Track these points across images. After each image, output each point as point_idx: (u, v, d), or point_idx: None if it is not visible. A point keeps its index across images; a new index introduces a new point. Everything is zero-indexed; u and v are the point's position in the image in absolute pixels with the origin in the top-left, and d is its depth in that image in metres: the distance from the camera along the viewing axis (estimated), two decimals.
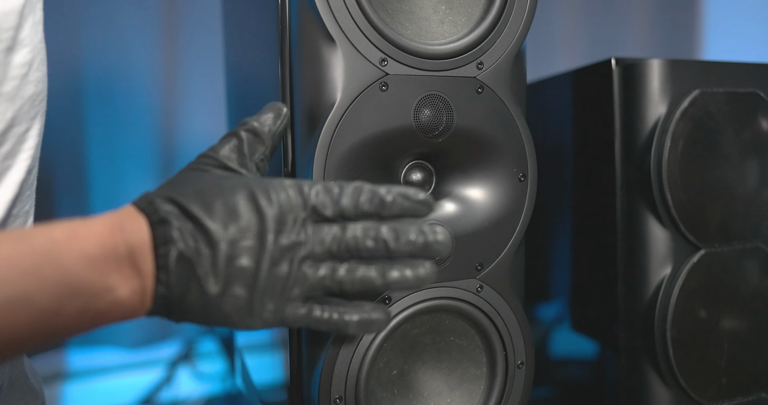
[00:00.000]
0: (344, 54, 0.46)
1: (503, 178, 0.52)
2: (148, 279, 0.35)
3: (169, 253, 0.34)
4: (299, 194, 0.36)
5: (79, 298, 0.33)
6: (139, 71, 0.97)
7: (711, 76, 0.64)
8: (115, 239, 0.34)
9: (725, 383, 0.64)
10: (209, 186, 0.37)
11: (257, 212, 0.35)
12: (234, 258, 0.35)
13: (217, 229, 0.35)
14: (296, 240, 0.36)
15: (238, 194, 0.36)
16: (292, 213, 0.36)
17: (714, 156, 0.63)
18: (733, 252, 0.64)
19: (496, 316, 0.53)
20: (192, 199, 0.35)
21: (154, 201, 0.36)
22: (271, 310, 0.36)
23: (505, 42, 0.51)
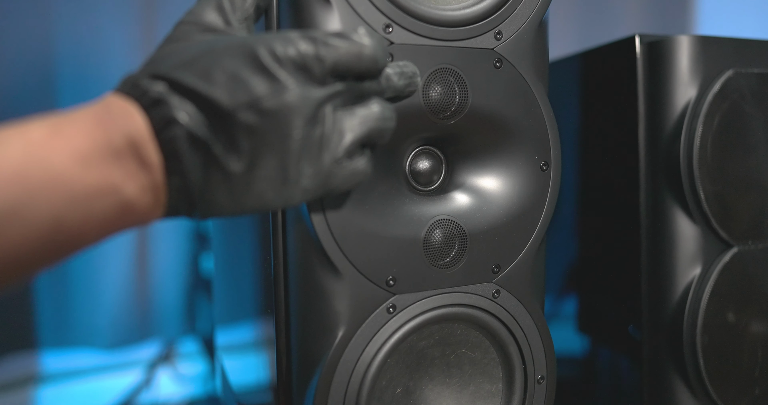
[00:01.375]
0: (342, 18, 0.39)
1: (523, 167, 0.46)
2: (156, 171, 0.29)
3: (176, 136, 0.29)
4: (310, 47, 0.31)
5: (79, 204, 0.27)
6: (116, 64, 0.92)
7: (744, 55, 0.58)
8: (108, 130, 0.28)
9: (758, 394, 0.58)
10: (199, 53, 0.31)
11: (267, 73, 0.30)
12: (254, 127, 0.29)
13: (224, 97, 0.29)
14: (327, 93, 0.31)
15: (238, 57, 0.30)
16: (308, 69, 0.31)
17: (747, 144, 0.57)
18: (766, 250, 0.58)
19: (514, 325, 0.46)
20: (183, 70, 0.30)
21: (139, 82, 0.30)
22: (309, 175, 0.31)
23: (526, 9, 0.44)
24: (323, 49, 0.31)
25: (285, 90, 0.30)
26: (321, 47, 0.31)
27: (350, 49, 0.32)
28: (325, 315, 0.41)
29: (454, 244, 0.44)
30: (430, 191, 0.45)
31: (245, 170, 0.30)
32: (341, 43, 0.32)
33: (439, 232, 0.43)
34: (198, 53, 0.31)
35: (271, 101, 0.30)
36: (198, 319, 1.00)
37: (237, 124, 0.29)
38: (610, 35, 1.19)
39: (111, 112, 0.29)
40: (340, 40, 0.32)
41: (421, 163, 0.45)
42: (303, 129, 0.30)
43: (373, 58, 0.33)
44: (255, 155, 0.30)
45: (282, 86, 0.30)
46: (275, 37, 0.31)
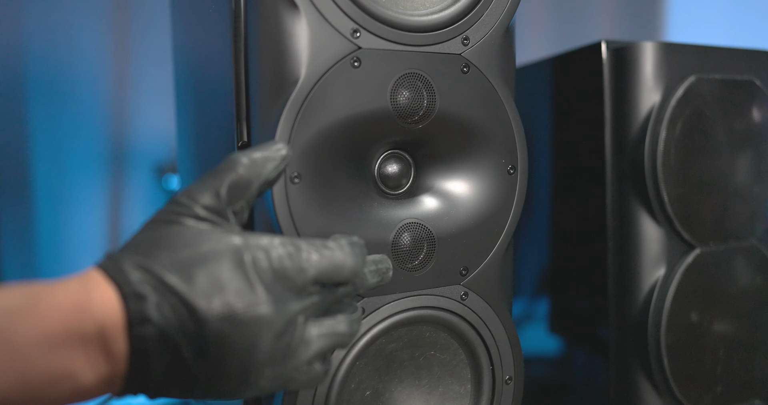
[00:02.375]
0: (309, 23, 0.39)
1: (490, 171, 0.46)
2: (119, 363, 0.29)
3: (146, 334, 0.29)
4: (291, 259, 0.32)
5: (30, 387, 0.27)
6: (86, 62, 0.92)
7: (706, 62, 0.59)
8: (83, 316, 0.28)
9: (720, 391, 0.60)
10: (186, 250, 0.31)
11: (247, 281, 0.30)
12: (224, 336, 0.29)
13: (202, 303, 0.29)
14: (301, 307, 0.32)
15: (222, 260, 0.30)
16: (287, 281, 0.31)
17: (709, 148, 0.59)
18: (728, 251, 0.60)
19: (482, 327, 0.47)
20: (169, 267, 0.30)
21: (124, 268, 0.30)
22: (269, 378, 0.31)
23: (493, 15, 0.45)
24: (306, 262, 0.32)
25: (261, 303, 0.30)
26: (304, 260, 0.32)
27: (333, 262, 0.33)
28: None
29: (422, 247, 0.44)
30: (398, 195, 0.46)
31: (207, 372, 0.30)
32: (324, 255, 0.33)
33: (408, 236, 0.44)
34: (185, 250, 0.31)
35: (245, 314, 0.30)
36: None
37: (209, 331, 0.29)
38: (583, 40, 1.21)
39: (91, 299, 0.29)
40: (323, 252, 0.33)
41: (389, 166, 0.45)
42: (271, 342, 0.31)
43: (354, 270, 0.34)
44: (220, 360, 0.30)
45: (259, 299, 0.30)
46: (262, 244, 0.32)
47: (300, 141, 0.39)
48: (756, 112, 0.61)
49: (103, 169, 0.95)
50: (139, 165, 1.00)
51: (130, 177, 1.00)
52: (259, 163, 0.35)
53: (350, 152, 0.43)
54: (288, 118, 0.39)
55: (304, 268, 0.32)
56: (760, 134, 0.61)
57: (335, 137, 0.41)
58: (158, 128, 0.99)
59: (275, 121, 0.39)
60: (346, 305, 0.36)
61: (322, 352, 0.33)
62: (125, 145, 0.97)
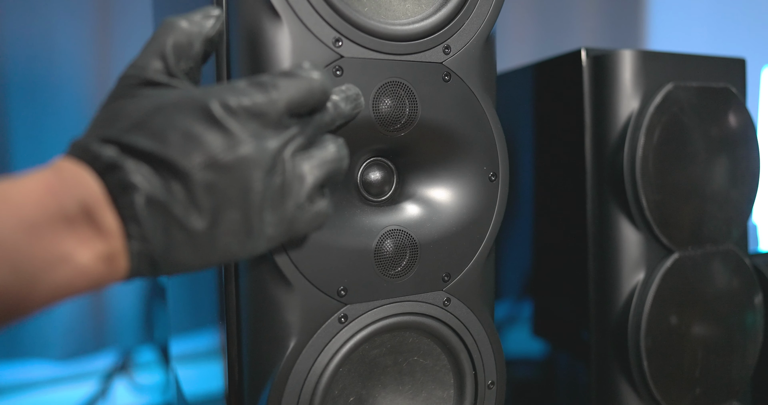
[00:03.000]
0: (291, 32, 0.39)
1: (472, 178, 0.47)
2: (114, 237, 0.28)
3: (134, 200, 0.28)
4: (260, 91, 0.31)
5: (24, 275, 0.26)
6: (68, 65, 0.90)
7: (683, 70, 0.60)
8: (59, 197, 0.27)
9: (698, 393, 0.61)
10: (148, 112, 0.30)
11: (220, 126, 0.29)
12: (213, 185, 0.29)
13: (180, 157, 0.28)
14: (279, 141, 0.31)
15: (188, 113, 0.30)
16: (261, 115, 0.31)
17: (687, 154, 0.60)
18: (705, 255, 0.61)
19: (464, 332, 0.47)
20: (134, 132, 0.29)
21: (89, 146, 0.29)
22: (273, 223, 0.31)
23: (474, 24, 0.45)
24: (274, 92, 0.31)
25: (240, 143, 0.30)
26: (272, 91, 0.31)
27: (300, 86, 0.32)
28: (277, 325, 0.41)
29: (405, 254, 0.45)
30: (381, 202, 0.46)
31: (208, 227, 0.29)
32: (291, 82, 0.32)
33: (390, 242, 0.44)
34: (147, 112, 0.30)
35: (227, 157, 0.29)
36: (156, 327, 0.98)
37: (195, 183, 0.29)
38: (565, 47, 1.22)
39: (63, 179, 0.28)
40: (289, 79, 0.32)
41: (372, 174, 0.46)
42: (263, 180, 0.30)
43: (323, 89, 0.33)
44: (217, 212, 0.29)
45: (237, 140, 0.30)
46: (224, 88, 0.31)
47: None
48: (731, 119, 0.62)
49: None
50: None
51: None
52: (196, 21, 0.34)
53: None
54: None
55: (273, 99, 0.31)
56: (736, 140, 0.63)
57: None
58: None
59: None
60: (327, 138, 0.35)
61: (319, 184, 0.33)
62: None
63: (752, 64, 0.66)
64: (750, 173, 0.64)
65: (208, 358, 0.53)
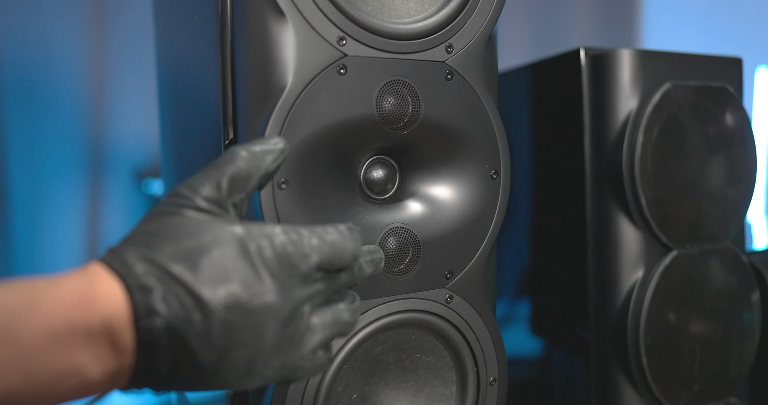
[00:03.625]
0: (296, 31, 0.40)
1: (474, 176, 0.47)
2: (126, 356, 0.29)
3: (154, 326, 0.28)
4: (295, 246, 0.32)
5: (36, 383, 0.27)
6: (64, 65, 0.90)
7: (681, 69, 0.61)
8: (87, 310, 0.28)
9: (697, 390, 0.62)
10: (190, 240, 0.31)
11: (253, 269, 0.30)
12: (231, 325, 0.29)
13: (208, 293, 0.29)
14: (306, 295, 0.32)
15: (226, 248, 0.30)
16: (291, 268, 0.32)
17: (685, 152, 0.60)
18: (703, 253, 0.62)
19: (467, 330, 0.47)
20: (173, 257, 0.30)
21: (128, 260, 0.29)
22: (275, 367, 0.32)
23: (476, 23, 0.46)
24: (308, 248, 0.32)
25: (267, 292, 0.30)
26: (306, 246, 0.32)
27: (333, 247, 0.33)
28: None
29: (408, 252, 0.45)
30: (384, 200, 0.46)
31: (214, 362, 0.30)
32: (326, 241, 0.33)
33: (394, 240, 0.44)
34: (189, 240, 0.31)
35: (252, 302, 0.30)
36: None
37: (215, 319, 0.29)
38: (560, 47, 1.23)
39: (95, 292, 0.28)
40: (325, 237, 0.33)
41: (375, 172, 0.46)
42: (278, 329, 0.31)
43: (354, 254, 0.34)
44: (227, 349, 0.30)
45: (265, 287, 0.30)
46: (265, 231, 0.32)
47: None
48: (728, 118, 0.63)
49: (81, 173, 0.94)
50: (118, 169, 0.99)
51: (108, 181, 0.99)
52: (259, 155, 0.35)
53: (336, 158, 0.43)
54: (275, 125, 0.39)
55: (307, 253, 0.32)
56: (733, 139, 0.63)
57: (322, 143, 0.41)
58: (137, 132, 0.98)
59: (262, 128, 0.40)
60: (344, 294, 0.36)
61: (326, 341, 0.34)
62: (104, 149, 0.96)
63: (746, 65, 0.67)
64: (747, 172, 0.65)
65: None
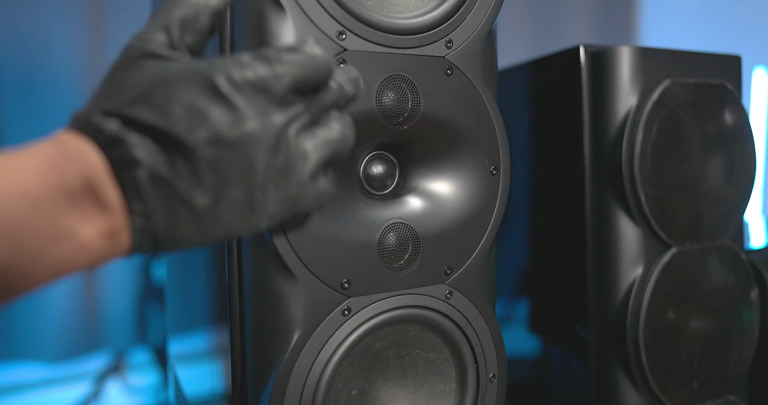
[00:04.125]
0: (296, 25, 0.40)
1: (474, 172, 0.47)
2: (116, 213, 0.28)
3: (137, 176, 0.28)
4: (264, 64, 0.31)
5: (27, 250, 0.26)
6: (61, 64, 0.89)
7: (680, 66, 0.61)
8: (62, 171, 0.27)
9: (696, 387, 0.61)
10: (152, 84, 0.29)
11: (225, 101, 0.29)
12: (217, 161, 0.29)
13: (184, 132, 0.28)
14: (284, 118, 0.31)
15: (192, 86, 0.29)
16: (266, 90, 0.30)
17: (684, 149, 0.60)
18: (702, 250, 0.62)
19: (466, 326, 0.47)
20: (138, 105, 0.28)
21: (91, 119, 0.28)
22: (276, 201, 0.31)
23: (476, 19, 0.46)
24: (279, 67, 0.31)
25: (246, 119, 0.29)
26: (277, 66, 0.31)
27: (305, 62, 0.32)
28: (280, 318, 0.41)
29: (407, 247, 0.45)
30: (383, 195, 0.46)
31: (211, 204, 0.29)
32: (295, 57, 0.32)
33: (393, 236, 0.44)
34: (150, 85, 0.29)
35: (232, 133, 0.29)
36: (149, 328, 0.97)
37: (200, 159, 0.28)
38: (557, 45, 1.23)
39: (65, 152, 0.27)
40: (293, 55, 0.32)
41: (375, 167, 0.46)
42: (266, 158, 0.30)
43: (327, 66, 0.33)
44: (220, 188, 0.29)
45: (242, 115, 0.29)
46: (229, 61, 0.30)
47: None
48: (727, 115, 0.63)
49: None
50: None
51: None
52: None
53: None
54: None
55: (279, 74, 0.31)
56: (732, 136, 0.63)
57: None
58: None
59: None
60: (333, 115, 0.35)
61: (322, 163, 0.33)
62: None
63: (744, 65, 0.67)
64: (746, 169, 0.65)
65: (208, 357, 0.52)
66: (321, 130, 0.33)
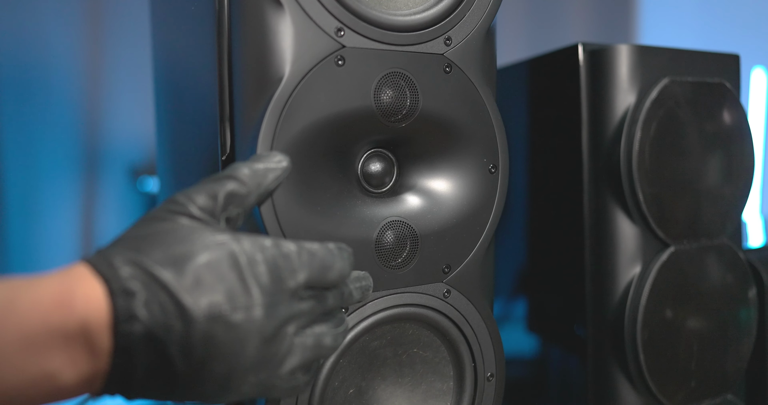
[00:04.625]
0: (294, 21, 0.39)
1: (472, 170, 0.47)
2: (102, 361, 0.28)
3: (133, 331, 0.28)
4: (286, 260, 0.31)
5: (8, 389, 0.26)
6: (60, 65, 0.89)
7: (678, 65, 0.61)
8: (65, 313, 0.27)
9: (694, 386, 0.61)
10: (180, 246, 0.30)
11: (241, 281, 0.30)
12: (213, 337, 0.29)
13: (191, 301, 0.28)
14: (288, 314, 0.31)
15: (215, 256, 0.30)
16: (280, 284, 0.31)
17: (682, 148, 0.60)
18: (701, 249, 0.62)
19: (464, 324, 0.47)
20: (161, 262, 0.29)
21: (114, 263, 0.28)
22: (252, 384, 0.31)
23: (475, 16, 0.45)
24: (297, 264, 0.31)
25: (254, 306, 0.30)
26: (295, 262, 0.31)
27: (322, 263, 0.33)
28: None
29: (405, 245, 0.45)
30: (381, 193, 0.46)
31: (191, 373, 0.29)
32: (314, 258, 0.32)
33: (391, 234, 0.44)
34: (178, 246, 0.30)
35: (236, 316, 0.29)
36: None
37: (197, 331, 0.29)
38: (555, 43, 1.23)
39: (75, 294, 0.27)
40: (312, 255, 0.32)
41: (372, 165, 0.46)
42: (259, 346, 0.30)
43: (341, 272, 0.34)
44: (205, 362, 0.29)
45: (252, 301, 0.30)
46: (255, 244, 0.31)
47: (284, 139, 0.39)
48: (726, 114, 0.63)
49: (76, 170, 0.94)
50: (113, 166, 0.99)
51: (103, 178, 0.98)
52: (261, 173, 0.35)
53: (334, 151, 0.43)
54: (272, 117, 0.39)
55: (296, 269, 0.31)
56: (730, 135, 0.63)
57: (319, 136, 0.41)
58: (133, 129, 0.97)
59: (259, 120, 0.39)
60: (331, 316, 0.36)
61: (305, 364, 0.33)
62: (99, 146, 0.96)
63: (742, 64, 0.67)
64: (744, 168, 0.64)
65: None
66: (315, 333, 0.34)
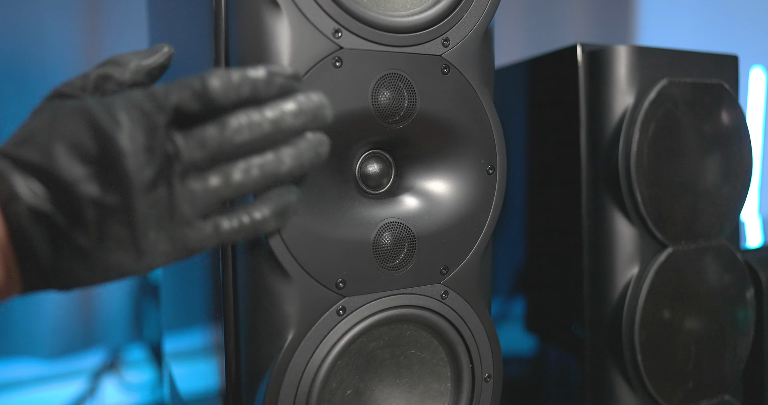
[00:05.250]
0: (291, 22, 0.39)
1: (470, 171, 0.47)
2: (4, 248, 0.28)
3: (18, 211, 0.28)
4: (150, 99, 0.30)
5: None
6: (57, 59, 0.89)
7: (677, 66, 0.61)
8: None
9: (691, 387, 0.61)
10: (42, 123, 0.30)
11: (104, 137, 0.29)
12: (97, 197, 0.28)
13: (65, 169, 0.28)
14: (164, 155, 0.29)
15: (75, 122, 0.29)
16: (148, 125, 0.29)
17: (680, 149, 0.60)
18: (698, 250, 0.62)
19: (462, 326, 0.47)
20: (24, 144, 0.29)
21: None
22: (164, 240, 0.30)
23: (473, 17, 0.45)
24: (162, 99, 0.30)
25: (123, 157, 0.29)
26: (160, 98, 0.30)
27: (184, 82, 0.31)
28: (275, 318, 0.41)
29: (403, 247, 0.45)
30: (379, 194, 0.46)
31: (96, 243, 0.29)
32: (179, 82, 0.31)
33: (389, 235, 0.44)
34: (40, 124, 0.30)
35: (110, 171, 0.29)
36: (145, 325, 0.97)
37: (80, 197, 0.28)
38: (554, 44, 1.23)
39: None
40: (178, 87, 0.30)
41: (370, 166, 0.46)
42: (145, 196, 0.29)
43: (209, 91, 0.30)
44: (102, 227, 0.29)
45: (120, 152, 0.29)
46: (118, 97, 0.30)
47: None
48: (724, 115, 0.63)
49: None
50: None
51: None
52: (141, 53, 0.36)
53: (331, 152, 0.42)
54: None
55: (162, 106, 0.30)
56: (729, 136, 0.63)
57: None
58: None
59: None
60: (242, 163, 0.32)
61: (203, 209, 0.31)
62: None
63: (741, 64, 0.67)
64: (742, 169, 0.65)
65: (203, 354, 0.52)
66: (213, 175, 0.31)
